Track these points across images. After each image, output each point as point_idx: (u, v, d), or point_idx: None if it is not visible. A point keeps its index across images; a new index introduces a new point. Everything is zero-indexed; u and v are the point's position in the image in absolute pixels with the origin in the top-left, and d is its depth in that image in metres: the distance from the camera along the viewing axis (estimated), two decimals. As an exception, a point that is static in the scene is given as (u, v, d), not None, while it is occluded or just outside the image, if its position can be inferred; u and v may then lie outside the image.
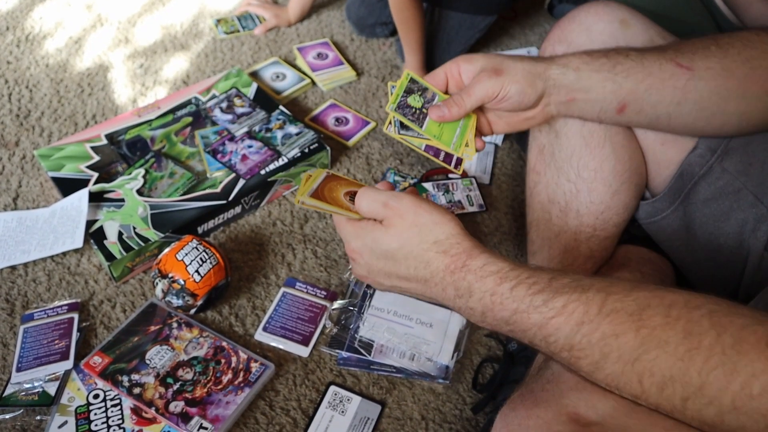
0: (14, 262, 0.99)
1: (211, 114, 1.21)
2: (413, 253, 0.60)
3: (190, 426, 0.80)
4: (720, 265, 0.79)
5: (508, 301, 0.55)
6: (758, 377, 0.43)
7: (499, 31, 1.56)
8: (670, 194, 0.81)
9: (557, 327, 0.52)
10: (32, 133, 1.22)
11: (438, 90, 0.73)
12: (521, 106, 0.72)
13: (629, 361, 0.48)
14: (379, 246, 0.62)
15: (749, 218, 0.74)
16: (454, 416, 0.88)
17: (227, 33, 1.50)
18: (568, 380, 0.54)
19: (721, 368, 0.44)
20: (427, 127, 0.70)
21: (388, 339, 0.91)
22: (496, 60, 0.70)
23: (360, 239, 0.63)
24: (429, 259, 0.59)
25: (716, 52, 0.68)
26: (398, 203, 0.61)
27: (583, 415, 0.49)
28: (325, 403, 0.87)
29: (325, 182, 0.66)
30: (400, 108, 0.70)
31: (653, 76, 0.69)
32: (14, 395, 0.83)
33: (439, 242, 0.59)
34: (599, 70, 0.70)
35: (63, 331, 0.90)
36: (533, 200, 0.91)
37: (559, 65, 0.71)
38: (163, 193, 1.05)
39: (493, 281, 0.56)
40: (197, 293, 0.89)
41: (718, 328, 0.45)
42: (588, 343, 0.50)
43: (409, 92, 0.71)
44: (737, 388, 0.43)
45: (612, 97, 0.71)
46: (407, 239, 0.60)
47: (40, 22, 1.50)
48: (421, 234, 0.59)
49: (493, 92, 0.69)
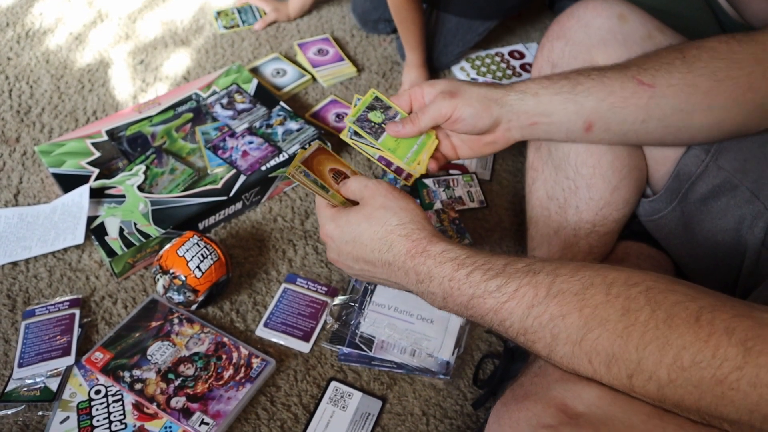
0: (15, 258, 0.99)
1: (211, 110, 1.21)
2: (378, 234, 0.64)
3: (192, 421, 0.80)
4: (718, 261, 0.79)
5: (465, 286, 0.57)
6: (688, 349, 0.45)
7: (500, 28, 1.56)
8: (667, 194, 0.82)
9: (510, 311, 0.54)
10: (33, 129, 1.22)
11: (401, 109, 0.77)
12: (476, 129, 0.74)
13: (576, 341, 0.50)
14: (349, 229, 0.66)
15: (746, 215, 0.75)
16: (454, 412, 0.88)
17: (227, 27, 1.50)
18: (554, 372, 0.55)
19: (654, 343, 0.46)
20: (384, 141, 0.75)
21: (389, 335, 0.91)
22: (455, 84, 0.73)
23: (333, 222, 0.68)
24: (392, 241, 0.63)
25: (680, 67, 0.68)
26: (375, 185, 0.67)
27: (570, 406, 0.50)
28: (326, 398, 0.87)
29: (316, 153, 0.73)
30: (359, 121, 0.75)
31: (615, 94, 0.70)
32: (16, 391, 0.84)
33: (402, 225, 0.63)
34: (559, 93, 0.71)
35: (64, 327, 0.90)
36: (532, 197, 0.91)
37: (517, 91, 0.72)
38: (164, 189, 1.05)
39: (451, 267, 0.59)
40: (198, 289, 0.89)
41: (653, 305, 0.48)
42: (539, 325, 0.52)
43: (371, 108, 0.76)
44: (670, 361, 0.46)
45: (576, 117, 0.72)
46: (375, 220, 0.65)
47: (40, 18, 1.50)
48: (387, 216, 0.64)
49: (447, 113, 0.71)
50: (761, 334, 0.44)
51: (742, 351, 0.43)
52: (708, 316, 0.46)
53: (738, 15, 0.87)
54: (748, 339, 0.44)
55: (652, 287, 0.49)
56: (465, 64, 1.46)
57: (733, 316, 0.45)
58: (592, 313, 0.49)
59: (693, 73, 0.67)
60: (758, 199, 0.74)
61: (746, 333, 0.44)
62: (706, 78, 0.67)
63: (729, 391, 0.44)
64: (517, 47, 1.53)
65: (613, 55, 0.78)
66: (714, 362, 0.44)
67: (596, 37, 0.79)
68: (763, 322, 0.44)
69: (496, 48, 1.52)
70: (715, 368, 0.44)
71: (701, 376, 0.45)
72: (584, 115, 0.71)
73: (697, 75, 0.67)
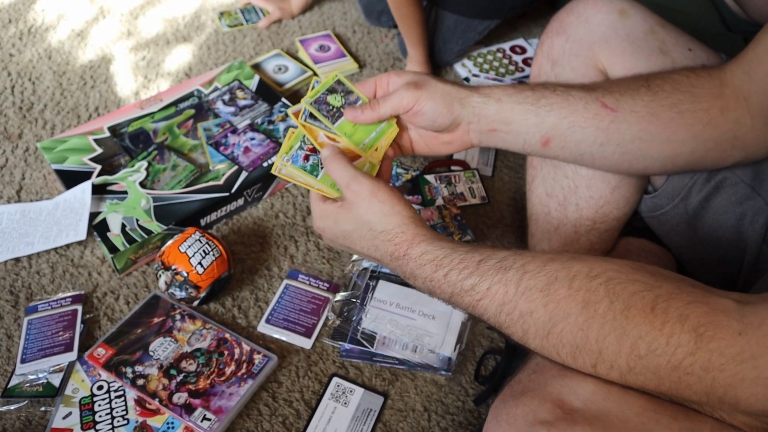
0: (18, 254, 0.99)
1: (213, 106, 1.21)
2: (365, 238, 0.67)
3: (194, 417, 0.80)
4: (720, 257, 0.79)
5: (444, 285, 0.60)
6: (643, 338, 0.47)
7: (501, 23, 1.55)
8: (670, 191, 0.81)
9: (485, 308, 0.57)
10: (35, 126, 1.22)
11: (363, 96, 0.75)
12: (435, 125, 0.72)
13: (544, 335, 0.53)
14: (339, 227, 0.69)
15: (747, 211, 0.75)
16: (456, 407, 0.88)
17: (230, 26, 1.49)
18: (552, 368, 0.56)
19: (613, 334, 0.49)
20: (340, 125, 0.73)
21: (391, 331, 0.91)
22: (422, 77, 0.72)
23: (323, 219, 0.70)
24: (377, 245, 0.66)
25: (644, 95, 0.68)
26: (358, 187, 0.66)
27: (566, 401, 0.51)
28: (328, 394, 0.87)
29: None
30: (317, 103, 0.73)
31: (577, 113, 0.69)
32: (19, 386, 0.84)
33: (386, 231, 0.65)
34: (522, 103, 0.70)
35: (67, 323, 0.90)
36: (532, 194, 0.91)
37: (481, 94, 0.71)
38: (165, 186, 1.05)
39: (430, 269, 0.61)
40: (200, 285, 0.89)
41: (612, 296, 0.50)
42: (511, 321, 0.55)
43: (331, 91, 0.74)
44: (627, 350, 0.48)
45: (535, 130, 0.71)
46: (360, 225, 0.67)
47: (42, 14, 1.50)
48: (371, 224, 0.66)
49: (408, 103, 0.70)
50: (714, 320, 0.45)
51: (694, 337, 0.45)
52: (663, 305, 0.47)
53: (741, 10, 0.86)
54: (701, 325, 0.45)
55: (613, 278, 0.51)
56: (466, 60, 1.46)
57: (688, 303, 0.47)
58: (556, 307, 0.52)
59: (656, 102, 0.68)
60: (759, 195, 0.74)
61: (699, 319, 0.46)
62: (668, 109, 0.67)
63: (685, 376, 0.46)
64: (518, 42, 1.53)
65: (616, 51, 0.78)
66: (668, 349, 0.46)
67: (598, 32, 0.79)
68: (718, 307, 0.46)
69: (497, 44, 1.52)
70: (670, 355, 0.46)
71: (657, 363, 0.47)
72: (544, 129, 0.71)
73: (659, 104, 0.67)
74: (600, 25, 0.79)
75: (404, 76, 0.73)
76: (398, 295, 0.95)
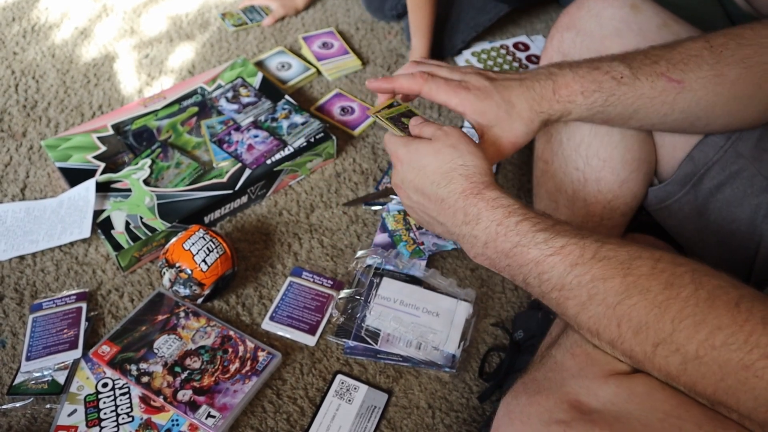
0: (22, 252, 0.99)
1: (216, 104, 1.21)
2: (441, 168, 0.65)
3: (198, 414, 0.81)
4: (731, 250, 0.78)
5: (512, 233, 0.58)
6: (723, 330, 0.46)
7: (504, 19, 1.54)
8: (682, 178, 0.80)
9: (553, 265, 0.55)
10: (39, 124, 1.22)
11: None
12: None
13: (612, 304, 0.51)
14: (417, 156, 0.67)
15: (762, 203, 0.73)
16: (460, 405, 0.88)
17: (235, 26, 1.49)
18: (570, 368, 0.55)
19: (691, 318, 0.47)
20: None
21: (395, 328, 0.91)
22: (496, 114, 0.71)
23: (405, 147, 0.68)
24: (452, 177, 0.64)
25: (708, 58, 0.66)
26: (450, 128, 0.67)
27: (584, 402, 0.50)
28: (332, 391, 0.87)
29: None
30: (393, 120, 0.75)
31: (644, 97, 0.69)
32: (24, 384, 0.84)
33: (465, 166, 0.64)
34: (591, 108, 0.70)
35: (71, 321, 0.91)
36: (540, 189, 0.90)
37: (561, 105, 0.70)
38: (169, 183, 1.05)
39: (502, 213, 0.60)
40: (204, 283, 0.89)
41: (697, 284, 0.49)
42: (578, 284, 0.53)
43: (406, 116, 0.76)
44: (702, 338, 0.46)
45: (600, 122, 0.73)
46: (442, 154, 0.65)
47: (46, 12, 1.50)
48: (454, 154, 0.64)
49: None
50: None
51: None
52: (748, 304, 0.46)
53: (747, 5, 0.86)
54: None
55: (698, 269, 0.50)
56: (470, 57, 1.45)
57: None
58: (635, 281, 0.50)
59: (721, 62, 0.66)
60: None
61: None
62: (734, 66, 0.66)
63: (753, 378, 0.44)
64: (521, 39, 1.52)
65: (629, 46, 0.76)
66: (745, 347, 0.45)
67: (609, 27, 0.78)
68: None
69: (500, 40, 1.51)
70: (745, 353, 0.45)
71: (729, 358, 0.45)
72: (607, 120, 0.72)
73: (725, 64, 0.66)
74: (611, 20, 0.78)
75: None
76: (402, 292, 0.95)
